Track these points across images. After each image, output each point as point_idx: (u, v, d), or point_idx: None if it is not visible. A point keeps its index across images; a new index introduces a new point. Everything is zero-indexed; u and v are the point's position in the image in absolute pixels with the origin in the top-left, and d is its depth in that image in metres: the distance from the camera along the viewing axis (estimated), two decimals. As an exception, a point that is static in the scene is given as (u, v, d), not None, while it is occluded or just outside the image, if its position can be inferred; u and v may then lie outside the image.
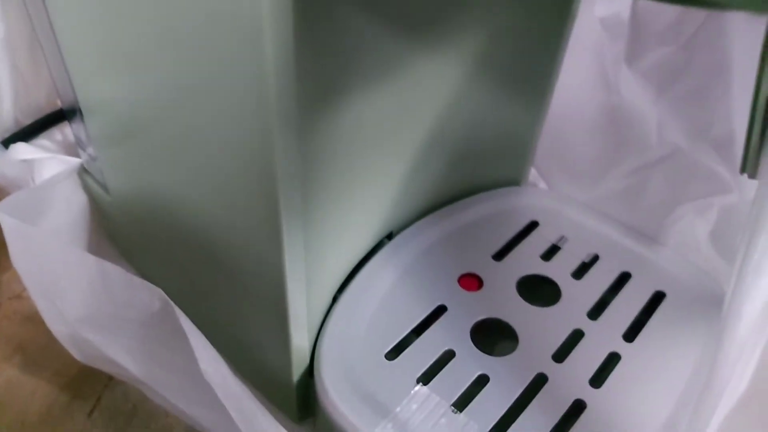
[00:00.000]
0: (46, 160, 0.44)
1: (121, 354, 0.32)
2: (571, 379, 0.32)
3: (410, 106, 0.33)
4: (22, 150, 0.45)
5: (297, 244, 0.29)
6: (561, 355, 0.34)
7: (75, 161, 0.45)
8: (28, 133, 0.48)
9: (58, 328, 0.36)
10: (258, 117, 0.24)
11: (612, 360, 0.34)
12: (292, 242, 0.29)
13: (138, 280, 0.32)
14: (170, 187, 0.35)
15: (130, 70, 0.31)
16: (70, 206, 0.43)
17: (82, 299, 0.34)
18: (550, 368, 0.33)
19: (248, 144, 0.26)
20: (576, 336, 0.35)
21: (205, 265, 0.36)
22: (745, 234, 0.26)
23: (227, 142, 0.28)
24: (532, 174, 0.50)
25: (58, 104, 0.49)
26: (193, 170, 0.32)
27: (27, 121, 0.49)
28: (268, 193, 0.27)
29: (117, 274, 0.32)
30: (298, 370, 0.34)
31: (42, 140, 0.49)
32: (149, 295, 0.31)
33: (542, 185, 0.49)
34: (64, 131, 0.51)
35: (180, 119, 0.30)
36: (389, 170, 0.36)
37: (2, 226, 0.36)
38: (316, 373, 0.33)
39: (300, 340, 0.33)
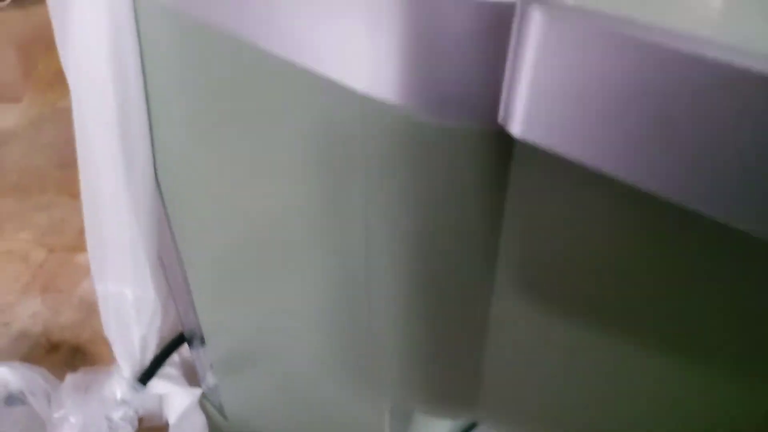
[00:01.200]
0: (175, 394, 0.55)
1: None
2: None
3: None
4: (156, 385, 0.56)
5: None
6: None
7: (197, 392, 0.55)
8: (156, 365, 0.59)
9: None
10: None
11: None
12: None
13: None
14: (286, 418, 0.44)
15: (255, 309, 0.39)
16: (196, 433, 0.53)
17: None
18: None
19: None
20: None
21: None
22: None
23: (340, 396, 0.36)
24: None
25: (178, 330, 0.60)
26: (309, 408, 0.40)
27: (156, 353, 0.60)
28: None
29: None
30: None
31: (166, 367, 0.60)
32: None
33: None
34: (181, 353, 0.62)
35: (297, 364, 0.38)
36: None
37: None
38: None
39: None
